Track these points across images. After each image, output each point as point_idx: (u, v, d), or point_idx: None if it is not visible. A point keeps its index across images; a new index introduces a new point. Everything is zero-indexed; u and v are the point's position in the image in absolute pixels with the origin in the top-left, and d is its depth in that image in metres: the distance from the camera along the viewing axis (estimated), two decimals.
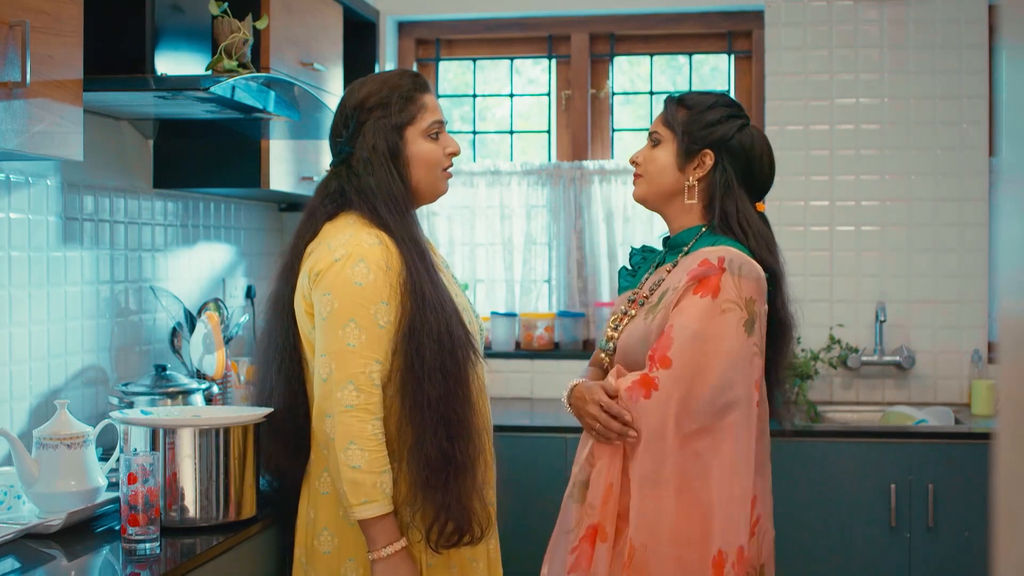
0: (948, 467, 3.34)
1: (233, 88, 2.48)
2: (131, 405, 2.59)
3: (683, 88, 4.25)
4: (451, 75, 4.40)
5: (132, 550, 2.02)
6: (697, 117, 2.20)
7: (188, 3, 2.58)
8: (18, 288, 2.51)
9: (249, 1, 2.82)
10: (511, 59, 4.32)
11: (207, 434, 2.19)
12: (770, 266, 2.16)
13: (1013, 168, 0.75)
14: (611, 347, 2.24)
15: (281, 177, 3.13)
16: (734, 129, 2.19)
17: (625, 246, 4.09)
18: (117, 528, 2.16)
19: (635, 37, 4.23)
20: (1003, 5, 0.77)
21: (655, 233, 4.02)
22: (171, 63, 2.48)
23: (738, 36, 4.16)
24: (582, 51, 4.21)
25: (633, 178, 2.28)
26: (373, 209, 2.16)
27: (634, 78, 4.32)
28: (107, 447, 2.61)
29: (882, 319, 3.83)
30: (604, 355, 2.28)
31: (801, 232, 3.96)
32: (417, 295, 2.10)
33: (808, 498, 3.36)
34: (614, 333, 2.25)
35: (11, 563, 1.95)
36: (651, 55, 4.25)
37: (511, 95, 4.33)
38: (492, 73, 4.37)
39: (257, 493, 2.28)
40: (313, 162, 3.36)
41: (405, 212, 2.18)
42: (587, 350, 4.10)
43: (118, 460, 2.29)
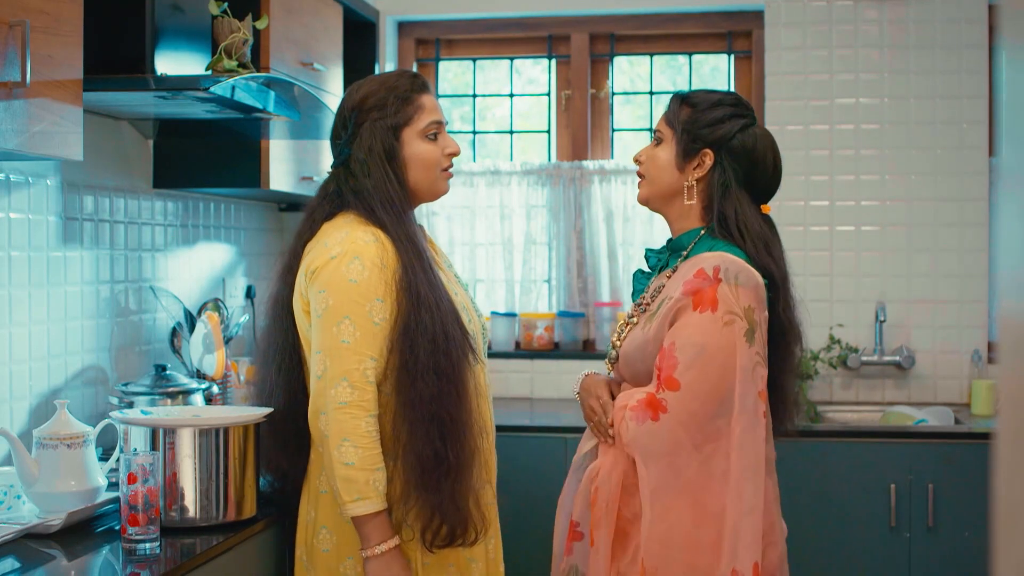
0: (948, 467, 3.34)
1: (233, 88, 2.48)
2: (131, 405, 2.59)
3: (683, 88, 4.24)
4: (451, 75, 4.40)
5: (132, 550, 2.02)
6: (699, 116, 2.15)
7: (188, 3, 2.58)
8: (18, 288, 2.51)
9: (249, 1, 2.82)
10: (511, 59, 4.32)
11: (207, 434, 2.19)
12: (768, 270, 2.10)
13: (1013, 168, 0.75)
14: (614, 355, 2.22)
15: (281, 177, 3.13)
16: (736, 129, 2.14)
17: (625, 246, 4.09)
18: (117, 528, 2.16)
19: (635, 37, 4.23)
20: (1003, 5, 0.77)
21: (655, 233, 4.02)
22: (171, 63, 2.48)
23: (738, 36, 4.16)
24: (582, 51, 4.21)
25: (637, 178, 2.25)
26: (370, 209, 2.16)
27: (634, 78, 4.32)
28: (107, 447, 2.61)
29: (882, 319, 3.83)
30: (608, 363, 2.26)
31: (801, 232, 3.95)
32: (412, 293, 2.11)
33: (808, 498, 3.36)
34: (618, 341, 2.22)
35: (11, 563, 1.95)
36: (651, 55, 4.25)
37: (511, 95, 4.33)
38: (492, 73, 4.37)
39: (257, 493, 2.28)
40: (313, 162, 3.36)
41: (402, 213, 2.18)
42: (587, 350, 4.10)
43: (118, 460, 2.29)
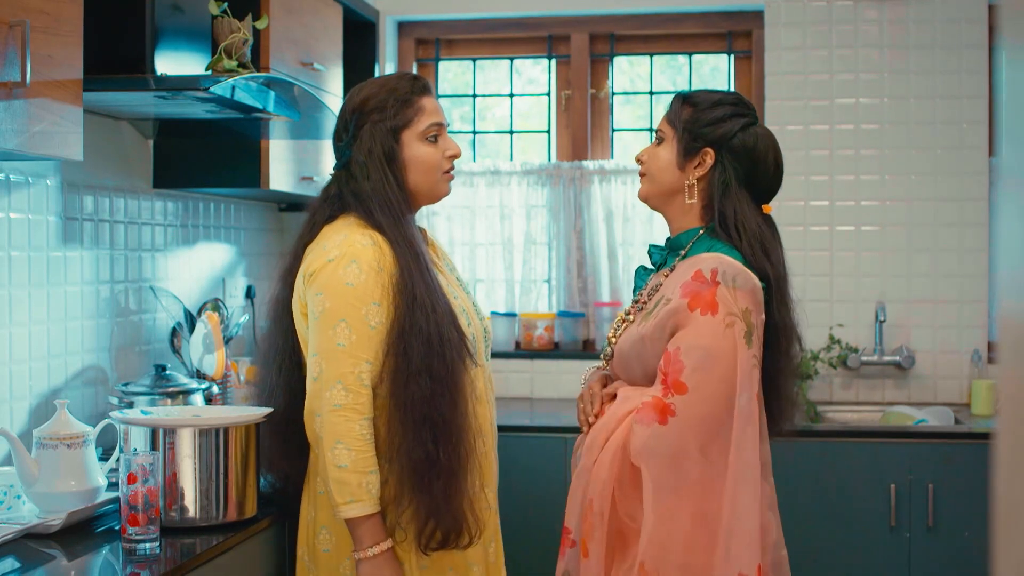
0: (948, 467, 3.34)
1: (233, 88, 2.48)
2: (131, 405, 2.59)
3: (683, 88, 4.25)
4: (451, 75, 4.40)
5: (132, 550, 2.02)
6: (700, 115, 2.15)
7: (188, 3, 2.58)
8: (18, 288, 2.51)
9: (249, 1, 2.82)
10: (511, 59, 4.32)
11: (207, 434, 2.19)
12: (764, 272, 2.09)
13: (1013, 168, 0.75)
14: (609, 352, 2.23)
15: (281, 177, 3.13)
16: (737, 128, 2.14)
17: (625, 246, 4.09)
18: (117, 528, 2.16)
19: (635, 37, 4.23)
20: (1003, 5, 0.77)
21: (655, 233, 4.02)
22: (171, 63, 2.48)
23: (738, 36, 4.16)
24: (582, 51, 4.21)
25: (639, 176, 2.25)
26: (368, 212, 2.17)
27: (634, 78, 4.32)
28: (107, 447, 2.61)
29: (882, 319, 3.83)
30: (603, 359, 2.27)
31: (801, 232, 3.96)
32: (408, 295, 2.11)
33: (808, 498, 3.36)
34: (613, 338, 2.23)
35: (11, 563, 1.95)
36: (651, 55, 4.25)
37: (511, 95, 4.33)
38: (492, 73, 4.37)
39: (257, 493, 2.28)
40: (313, 162, 3.36)
41: (401, 215, 2.18)
42: (587, 350, 4.10)
43: (118, 460, 2.29)
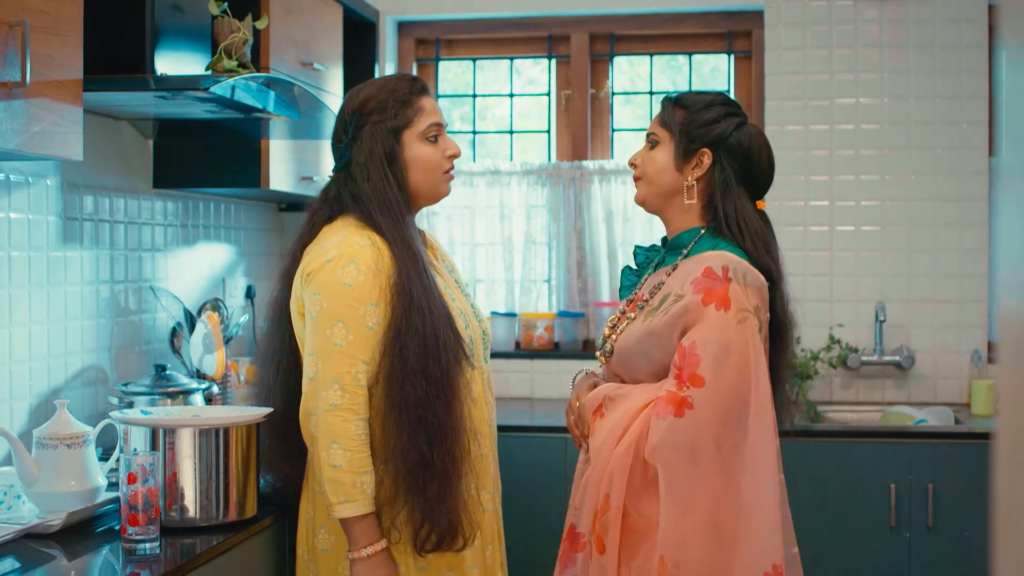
0: (948, 467, 3.34)
1: (233, 88, 2.48)
2: (131, 405, 2.59)
3: (683, 88, 4.25)
4: (451, 75, 4.40)
5: (132, 550, 2.02)
6: (694, 116, 2.18)
7: (188, 3, 2.58)
8: (18, 288, 2.51)
9: (249, 1, 2.82)
10: (511, 59, 4.32)
11: (207, 434, 2.19)
12: (767, 268, 2.13)
13: (1013, 168, 0.75)
14: (608, 348, 2.23)
15: (281, 177, 3.13)
16: (732, 127, 2.17)
17: (625, 246, 4.09)
18: (117, 528, 2.16)
19: (635, 37, 4.23)
20: (1003, 5, 0.77)
21: (655, 233, 4.02)
22: (171, 63, 2.48)
23: (738, 36, 4.16)
24: (582, 51, 4.21)
25: (633, 181, 2.27)
26: (367, 213, 2.17)
27: (634, 78, 4.32)
28: (107, 447, 2.61)
29: (882, 319, 3.83)
30: (600, 356, 2.28)
31: (801, 232, 3.96)
32: (405, 297, 2.11)
33: (808, 498, 3.36)
34: (612, 334, 2.24)
35: (11, 563, 1.95)
36: (651, 55, 4.25)
37: (511, 95, 4.33)
38: (492, 73, 4.37)
39: (257, 493, 2.28)
40: (313, 162, 3.36)
41: (400, 216, 2.18)
42: (587, 350, 4.10)
43: (118, 460, 2.29)
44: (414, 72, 4.25)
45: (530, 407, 3.95)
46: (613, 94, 4.23)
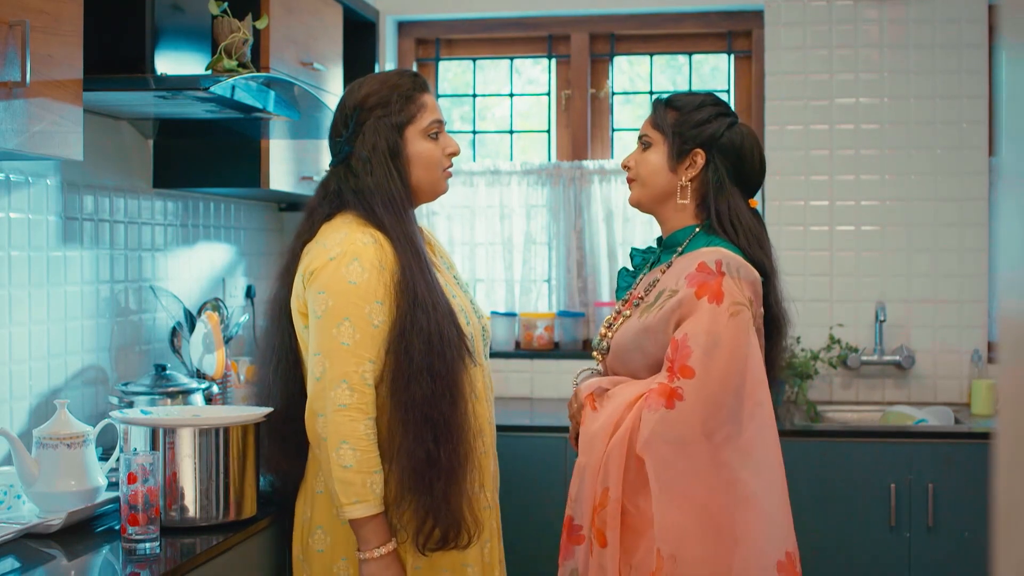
0: (948, 467, 3.34)
1: (233, 88, 2.48)
2: (131, 405, 2.59)
3: (683, 88, 4.25)
4: (451, 75, 4.40)
5: (132, 550, 2.02)
6: (686, 117, 2.20)
7: (188, 3, 2.58)
8: (18, 288, 2.51)
9: (249, 1, 2.82)
10: (511, 59, 4.32)
11: (207, 434, 2.19)
12: (761, 264, 2.16)
13: (1013, 168, 0.75)
14: (604, 346, 2.24)
15: (281, 177, 3.13)
16: (724, 127, 2.20)
17: (625, 246, 4.09)
18: (117, 528, 2.16)
19: (635, 37, 4.23)
20: (1003, 5, 0.77)
21: (655, 232, 4.00)
22: (171, 63, 2.48)
23: (738, 36, 4.16)
24: (582, 51, 4.21)
25: (627, 183, 2.29)
26: (370, 209, 2.15)
27: (634, 78, 4.32)
28: (107, 447, 2.61)
29: (882, 319, 3.83)
30: (597, 354, 2.28)
31: (801, 232, 3.96)
32: (409, 294, 2.09)
33: (808, 498, 3.36)
34: (608, 332, 2.24)
35: (11, 563, 1.95)
36: (651, 55, 4.25)
37: (511, 95, 4.33)
38: (492, 73, 4.37)
39: (257, 493, 2.28)
40: (313, 162, 3.36)
41: (403, 212, 2.17)
42: (587, 350, 4.10)
43: (118, 460, 2.29)
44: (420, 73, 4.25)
45: (530, 407, 3.95)
46: (613, 94, 4.23)
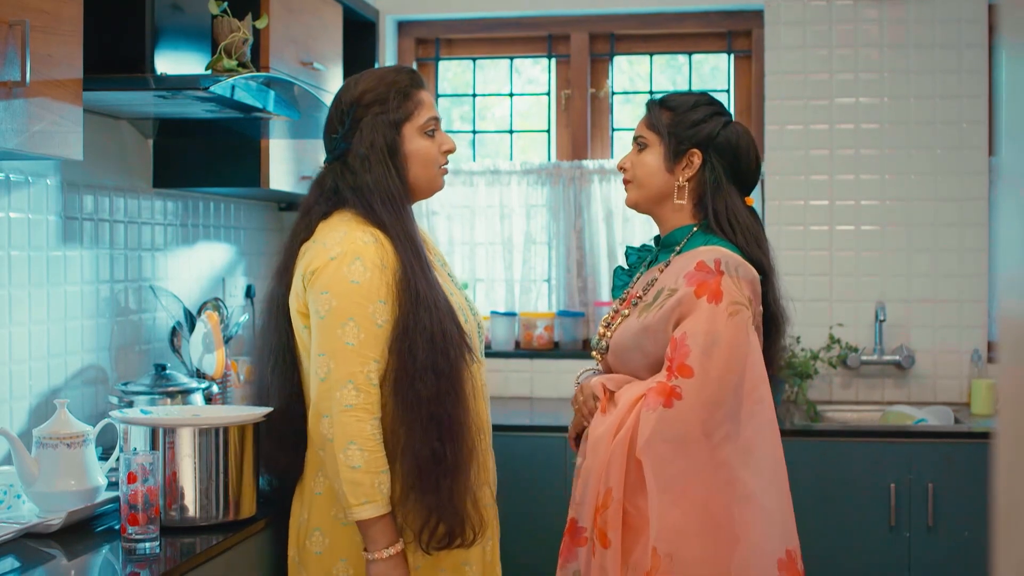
0: (948, 467, 3.34)
1: (233, 87, 2.48)
2: (131, 404, 2.59)
3: (683, 88, 4.25)
4: (451, 74, 4.40)
5: (132, 549, 2.02)
6: (681, 118, 2.20)
7: (188, 3, 2.58)
8: (18, 288, 2.51)
9: (249, 0, 2.82)
10: (511, 58, 4.32)
11: (207, 433, 2.19)
12: (759, 262, 2.16)
13: (1013, 168, 0.75)
14: (604, 345, 2.23)
15: (281, 176, 3.13)
16: (719, 126, 2.20)
17: (624, 246, 4.08)
18: (117, 527, 2.16)
19: (635, 36, 4.23)
20: (1003, 5, 0.77)
21: (655, 232, 4.00)
22: (171, 63, 2.48)
23: (738, 35, 4.16)
24: (582, 50, 4.21)
25: (624, 184, 2.29)
26: (369, 206, 2.14)
27: (634, 78, 4.32)
28: (107, 446, 2.61)
29: (882, 319, 3.83)
30: (596, 354, 2.28)
31: (801, 232, 3.96)
32: (411, 293, 2.08)
33: (808, 497, 3.36)
34: (607, 331, 2.24)
35: (11, 562, 1.95)
36: (651, 55, 4.25)
37: (511, 94, 4.33)
38: (492, 72, 4.37)
39: (257, 492, 2.28)
40: (313, 161, 3.35)
41: (402, 209, 2.15)
42: (587, 350, 4.10)
43: (118, 459, 2.29)
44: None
45: (530, 407, 3.95)
46: (613, 94, 4.23)
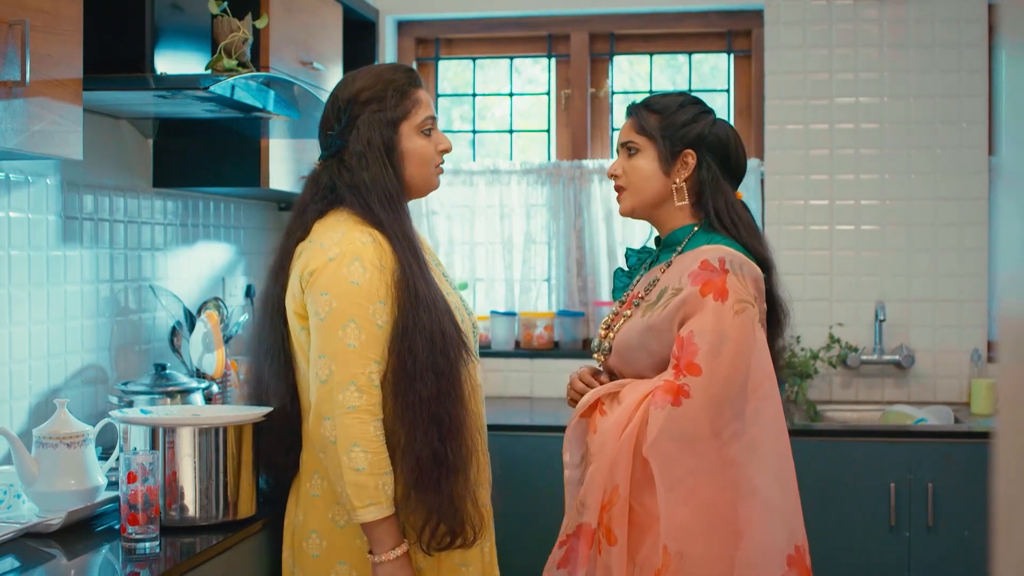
0: (948, 466, 3.34)
1: (233, 87, 2.48)
2: (131, 404, 2.59)
3: (683, 87, 4.25)
4: (451, 74, 4.40)
5: (132, 549, 2.02)
6: (671, 119, 2.20)
7: (188, 2, 2.58)
8: (18, 287, 2.51)
9: (249, 0, 2.82)
10: (511, 58, 4.32)
11: (207, 433, 2.19)
12: (762, 256, 2.17)
13: (1013, 167, 0.75)
14: (606, 347, 2.22)
15: (281, 176, 3.13)
16: (708, 124, 2.20)
17: (624, 245, 4.09)
18: (117, 527, 2.16)
19: (635, 36, 4.23)
20: (1002, 4, 0.77)
21: (655, 232, 4.01)
22: (171, 62, 2.48)
23: (738, 35, 4.16)
24: (582, 50, 4.21)
25: (616, 192, 2.27)
26: (366, 205, 2.12)
27: (634, 77, 4.32)
28: (107, 446, 2.61)
29: (882, 318, 3.83)
30: (598, 356, 2.27)
31: (801, 231, 3.96)
32: (411, 293, 2.07)
33: (808, 497, 3.34)
34: (609, 333, 2.23)
35: (11, 562, 1.95)
36: (651, 54, 4.25)
37: (511, 94, 4.33)
38: (492, 72, 4.37)
39: (256, 492, 2.28)
40: (312, 161, 3.34)
41: (399, 208, 2.14)
42: (586, 349, 4.10)
43: (118, 459, 2.29)
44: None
45: (530, 406, 3.95)
46: (613, 93, 4.23)
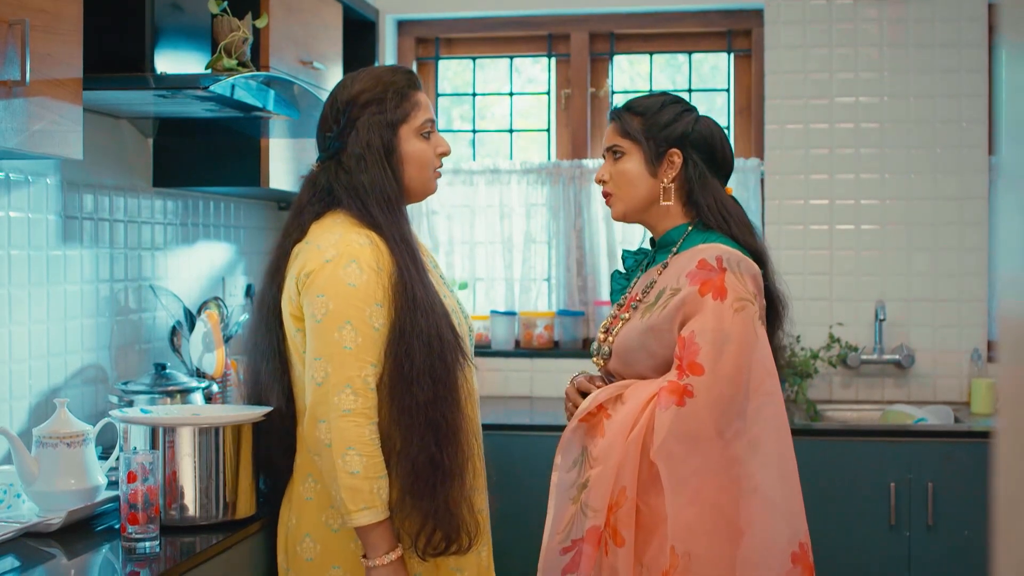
0: (948, 466, 3.34)
1: (233, 87, 2.48)
2: (131, 404, 2.59)
3: (683, 87, 4.25)
4: (451, 74, 4.40)
5: (132, 548, 2.02)
6: (654, 120, 2.20)
7: (188, 2, 2.58)
8: (18, 287, 2.51)
9: (249, 0, 2.82)
10: (511, 58, 4.32)
11: (207, 433, 2.19)
12: (756, 249, 2.17)
13: (1013, 167, 0.75)
14: (605, 351, 2.21)
15: (281, 176, 3.13)
16: (692, 122, 2.20)
17: (624, 245, 4.09)
18: (117, 527, 2.16)
19: (635, 36, 4.23)
20: (1002, 4, 0.77)
21: None
22: (171, 62, 2.48)
23: (738, 35, 4.16)
24: (582, 50, 4.21)
25: (604, 198, 2.27)
26: (364, 207, 2.12)
27: (634, 77, 4.32)
28: (107, 446, 2.61)
29: (882, 318, 3.83)
30: (598, 360, 2.26)
31: (800, 231, 3.96)
32: (408, 296, 2.06)
33: (808, 497, 3.34)
34: (608, 337, 2.23)
35: (11, 562, 1.96)
36: (651, 54, 4.25)
37: (511, 94, 4.33)
38: (492, 72, 4.37)
39: (256, 492, 2.28)
40: (312, 161, 3.35)
41: (397, 210, 2.13)
42: (586, 349, 4.10)
43: (118, 459, 2.29)
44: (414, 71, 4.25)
45: (530, 406, 3.95)
46: (613, 93, 4.23)
